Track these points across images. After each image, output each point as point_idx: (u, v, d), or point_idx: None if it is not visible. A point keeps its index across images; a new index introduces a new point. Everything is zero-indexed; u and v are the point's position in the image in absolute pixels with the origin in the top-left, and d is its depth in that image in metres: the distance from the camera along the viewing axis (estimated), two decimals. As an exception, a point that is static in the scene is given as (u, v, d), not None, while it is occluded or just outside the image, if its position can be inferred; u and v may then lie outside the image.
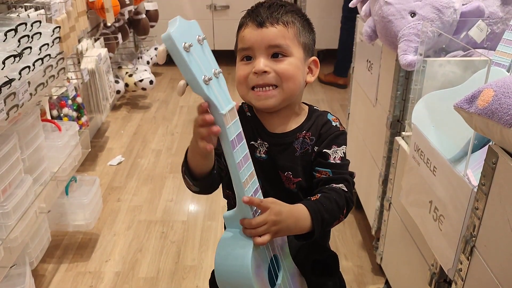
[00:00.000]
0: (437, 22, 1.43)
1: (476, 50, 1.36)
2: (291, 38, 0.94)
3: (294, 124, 1.00)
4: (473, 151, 1.18)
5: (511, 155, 0.88)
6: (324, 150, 0.97)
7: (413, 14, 1.45)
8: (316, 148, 0.98)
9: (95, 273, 1.92)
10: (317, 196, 0.91)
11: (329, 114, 1.03)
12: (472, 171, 1.14)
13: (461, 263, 1.05)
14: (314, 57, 1.01)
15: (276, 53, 0.93)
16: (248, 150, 0.82)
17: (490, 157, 0.92)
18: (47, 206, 1.67)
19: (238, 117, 0.79)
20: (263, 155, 0.99)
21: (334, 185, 0.94)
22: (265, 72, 0.92)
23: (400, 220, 1.56)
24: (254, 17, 0.94)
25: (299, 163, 0.98)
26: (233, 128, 0.77)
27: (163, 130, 3.20)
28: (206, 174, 0.88)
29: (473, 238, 1.00)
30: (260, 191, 0.86)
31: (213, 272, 1.21)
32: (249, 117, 1.02)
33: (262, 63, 0.92)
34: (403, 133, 1.55)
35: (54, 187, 1.75)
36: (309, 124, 1.00)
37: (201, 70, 0.71)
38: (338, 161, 0.96)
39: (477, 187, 0.99)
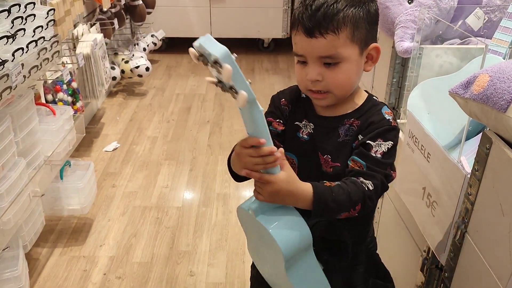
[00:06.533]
0: (435, 8, 1.42)
1: (473, 37, 1.35)
2: (343, 44, 0.90)
3: (344, 110, 0.99)
4: (467, 139, 1.18)
5: (505, 140, 0.88)
6: (368, 141, 0.93)
7: (410, 0, 1.44)
8: (360, 137, 0.95)
9: (89, 257, 1.93)
10: (333, 184, 0.90)
11: (385, 106, 0.99)
12: (466, 158, 1.14)
13: (453, 249, 1.05)
14: (374, 45, 0.95)
15: (328, 62, 0.92)
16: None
17: (484, 142, 0.92)
18: (41, 190, 1.67)
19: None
20: (305, 136, 1.01)
21: (361, 179, 0.91)
22: (317, 80, 0.93)
23: (393, 207, 1.56)
24: (303, 23, 0.89)
25: (340, 149, 0.98)
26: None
27: (159, 117, 3.19)
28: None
29: (465, 224, 1.00)
30: None
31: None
32: (303, 98, 1.04)
33: (313, 72, 0.92)
34: (398, 120, 1.54)
35: (48, 171, 1.74)
36: (360, 113, 0.98)
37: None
38: (379, 156, 0.93)
39: (470, 173, 0.99)
